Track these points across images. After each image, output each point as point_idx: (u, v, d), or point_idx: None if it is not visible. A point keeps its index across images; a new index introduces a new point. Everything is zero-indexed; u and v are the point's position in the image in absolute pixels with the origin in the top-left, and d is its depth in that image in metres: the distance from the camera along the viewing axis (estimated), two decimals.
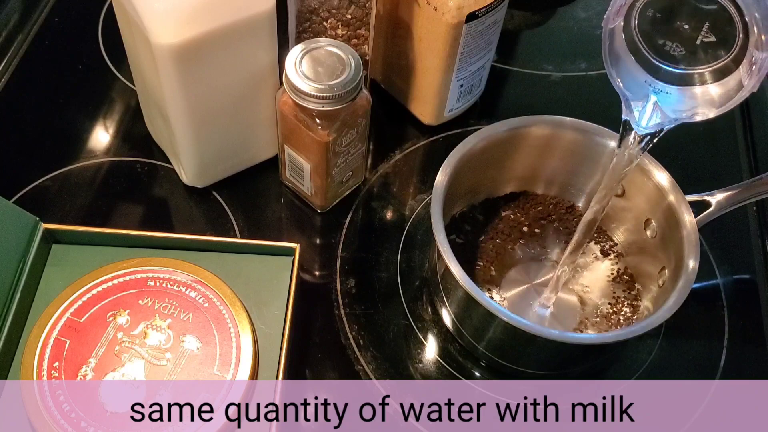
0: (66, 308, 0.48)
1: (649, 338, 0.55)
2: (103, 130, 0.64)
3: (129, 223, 0.58)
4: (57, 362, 0.46)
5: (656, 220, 0.53)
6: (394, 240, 0.58)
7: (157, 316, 0.48)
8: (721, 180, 0.64)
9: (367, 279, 0.56)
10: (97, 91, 0.66)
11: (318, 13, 0.55)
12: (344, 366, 0.52)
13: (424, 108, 0.63)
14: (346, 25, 0.56)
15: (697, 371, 0.54)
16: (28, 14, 0.71)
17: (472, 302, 0.46)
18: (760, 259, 0.60)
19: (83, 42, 0.69)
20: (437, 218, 0.48)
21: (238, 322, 0.48)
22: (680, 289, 0.46)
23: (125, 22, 0.51)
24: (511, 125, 0.54)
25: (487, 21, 0.56)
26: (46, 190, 0.59)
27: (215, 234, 0.57)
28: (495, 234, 0.56)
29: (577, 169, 0.56)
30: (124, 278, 0.50)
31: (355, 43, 0.57)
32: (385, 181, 0.62)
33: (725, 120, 0.69)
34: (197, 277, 0.50)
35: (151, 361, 0.46)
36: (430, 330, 0.54)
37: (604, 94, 0.72)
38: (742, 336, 0.56)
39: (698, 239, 0.48)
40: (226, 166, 0.59)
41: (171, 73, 0.48)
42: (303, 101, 0.49)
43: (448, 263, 0.46)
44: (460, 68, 0.59)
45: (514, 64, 0.72)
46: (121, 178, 0.61)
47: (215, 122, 0.54)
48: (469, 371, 0.53)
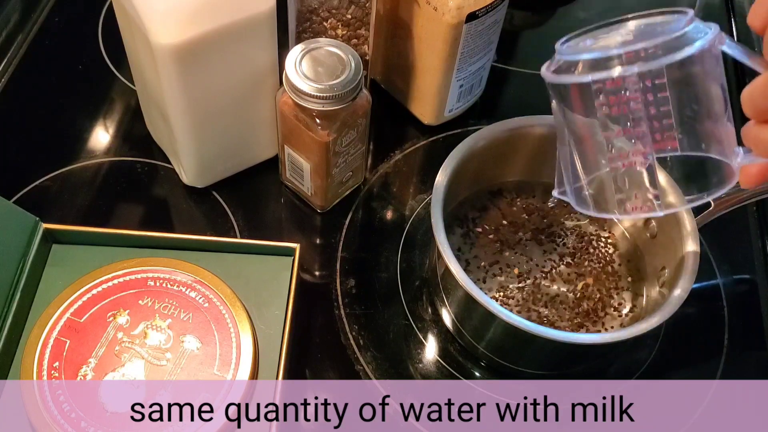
0: (66, 308, 0.48)
1: (649, 338, 0.55)
2: (103, 130, 0.64)
3: (129, 223, 0.58)
4: (57, 362, 0.46)
5: (656, 220, 0.53)
6: (394, 240, 0.58)
7: (157, 316, 0.48)
8: None
9: (367, 279, 0.56)
10: (97, 91, 0.66)
11: (318, 13, 0.55)
12: (344, 366, 0.52)
13: (424, 108, 0.63)
14: (346, 25, 0.56)
15: (697, 371, 0.54)
16: (28, 14, 0.71)
17: (472, 302, 0.46)
18: (760, 259, 0.60)
19: (83, 42, 0.69)
20: (437, 218, 0.48)
21: (238, 322, 0.48)
22: (680, 289, 0.46)
23: (125, 22, 0.51)
24: (511, 125, 0.54)
25: (487, 21, 0.56)
26: (46, 190, 0.59)
27: (215, 234, 0.57)
28: (495, 234, 0.56)
29: None
30: (124, 278, 0.50)
31: (355, 43, 0.57)
32: (385, 181, 0.62)
33: None
34: (197, 277, 0.50)
35: (151, 361, 0.46)
36: (430, 330, 0.54)
37: None
38: (742, 336, 0.56)
39: (698, 239, 0.48)
40: (226, 166, 0.59)
41: (171, 73, 0.48)
42: (303, 101, 0.49)
43: (448, 263, 0.46)
44: (460, 68, 0.59)
45: (514, 64, 0.72)
46: (121, 178, 0.61)
47: (215, 122, 0.54)
48: (469, 371, 0.53)
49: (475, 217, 0.57)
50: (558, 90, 0.39)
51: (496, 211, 0.57)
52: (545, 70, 0.39)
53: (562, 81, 0.38)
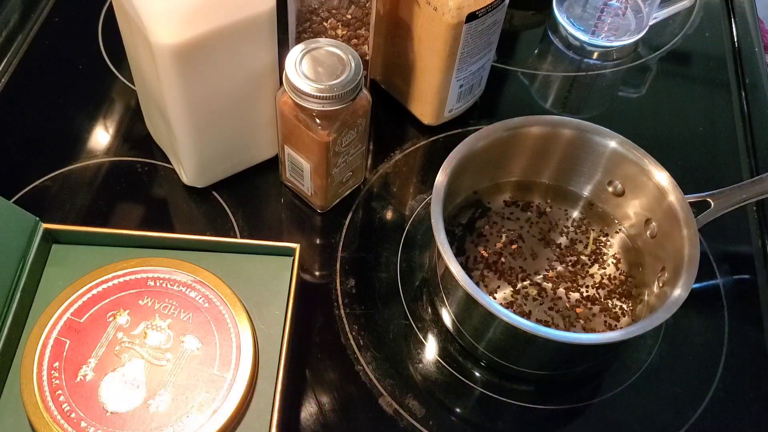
0: (66, 308, 0.48)
1: (649, 338, 0.55)
2: (103, 130, 0.64)
3: (129, 223, 0.58)
4: (57, 362, 0.46)
5: (656, 220, 0.53)
6: (394, 240, 0.59)
7: (157, 316, 0.48)
8: (721, 180, 0.64)
9: (367, 279, 0.56)
10: (97, 91, 0.66)
11: (318, 13, 0.55)
12: (344, 366, 0.52)
13: (424, 108, 0.63)
14: (346, 25, 0.56)
15: (697, 371, 0.54)
16: (28, 14, 0.71)
17: (472, 302, 0.46)
18: (760, 259, 0.60)
19: (83, 42, 0.69)
20: (437, 218, 0.48)
21: (238, 322, 0.48)
22: (680, 289, 0.46)
23: (125, 22, 0.51)
24: (511, 125, 0.54)
25: (487, 21, 0.56)
26: (46, 190, 0.59)
27: (215, 234, 0.57)
28: (495, 233, 0.56)
29: (577, 168, 0.56)
30: (124, 278, 0.50)
31: (355, 43, 0.57)
32: (385, 181, 0.62)
33: (725, 120, 0.69)
34: (197, 277, 0.50)
35: (151, 361, 0.46)
36: (430, 330, 0.54)
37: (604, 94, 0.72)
38: (742, 336, 0.56)
39: (698, 239, 0.48)
40: (226, 166, 0.59)
41: (171, 73, 0.48)
42: (303, 101, 0.49)
43: (448, 263, 0.46)
44: (460, 68, 0.59)
45: (514, 64, 0.72)
46: (121, 178, 0.61)
47: (215, 122, 0.54)
48: (469, 371, 0.53)
49: (475, 217, 0.57)
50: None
51: (496, 211, 0.57)
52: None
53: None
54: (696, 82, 0.73)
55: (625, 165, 0.54)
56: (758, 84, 0.71)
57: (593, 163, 0.55)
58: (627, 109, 0.70)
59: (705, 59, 0.75)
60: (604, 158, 0.55)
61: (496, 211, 0.57)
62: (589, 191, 0.58)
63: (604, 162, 0.55)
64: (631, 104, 0.71)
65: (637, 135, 0.54)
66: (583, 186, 0.58)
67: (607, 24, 0.73)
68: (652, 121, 0.69)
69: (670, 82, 0.73)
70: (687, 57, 0.75)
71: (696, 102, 0.71)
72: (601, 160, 0.55)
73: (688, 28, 0.77)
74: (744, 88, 0.71)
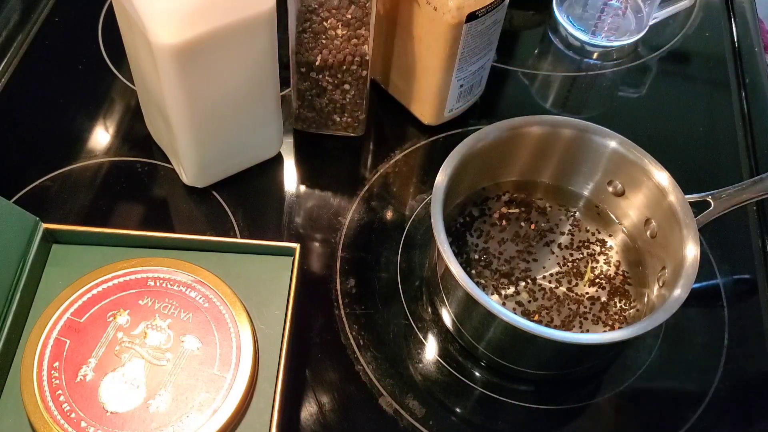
0: (66, 308, 0.48)
1: (649, 338, 0.55)
2: (103, 130, 0.64)
3: (129, 223, 0.58)
4: (57, 362, 0.46)
5: (656, 220, 0.53)
6: (394, 240, 0.58)
7: (157, 316, 0.48)
8: (721, 180, 0.64)
9: (367, 279, 0.56)
10: (97, 91, 0.66)
11: (318, 13, 0.55)
12: (344, 366, 0.52)
13: (424, 108, 0.63)
14: (346, 25, 0.56)
15: (697, 371, 0.54)
16: (28, 14, 0.71)
17: (472, 302, 0.46)
18: (760, 259, 0.60)
19: (83, 42, 0.69)
20: (437, 218, 0.48)
21: (238, 322, 0.48)
22: (680, 289, 0.46)
23: (125, 22, 0.51)
24: (511, 125, 0.54)
25: (487, 21, 0.56)
26: (46, 190, 0.59)
27: (215, 234, 0.57)
28: (495, 233, 0.56)
29: (577, 168, 0.56)
30: (124, 278, 0.50)
31: (355, 43, 0.57)
32: (385, 181, 0.62)
33: (725, 120, 0.69)
34: (197, 277, 0.50)
35: (151, 361, 0.46)
36: (430, 330, 0.54)
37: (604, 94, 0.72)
38: (742, 336, 0.56)
39: (698, 239, 0.48)
40: (226, 166, 0.59)
41: (171, 73, 0.48)
42: None
43: (448, 263, 0.46)
44: (460, 68, 0.59)
45: (514, 64, 0.72)
46: (121, 178, 0.61)
47: (215, 122, 0.54)
48: (469, 371, 0.53)
49: (475, 217, 0.57)
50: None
51: (496, 211, 0.57)
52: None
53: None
54: (696, 82, 0.73)
55: (625, 165, 0.54)
56: (758, 84, 0.71)
57: (593, 163, 0.55)
58: (627, 109, 0.70)
59: (705, 59, 0.75)
60: (604, 158, 0.55)
61: (496, 211, 0.57)
62: (589, 191, 0.58)
63: (604, 162, 0.55)
64: (631, 104, 0.71)
65: (637, 135, 0.54)
66: (583, 186, 0.58)
67: (607, 24, 0.73)
68: (652, 121, 0.69)
69: (670, 82, 0.73)
70: (687, 57, 0.75)
71: (696, 102, 0.71)
72: (601, 160, 0.55)
73: (688, 28, 0.77)
74: (744, 88, 0.71)
